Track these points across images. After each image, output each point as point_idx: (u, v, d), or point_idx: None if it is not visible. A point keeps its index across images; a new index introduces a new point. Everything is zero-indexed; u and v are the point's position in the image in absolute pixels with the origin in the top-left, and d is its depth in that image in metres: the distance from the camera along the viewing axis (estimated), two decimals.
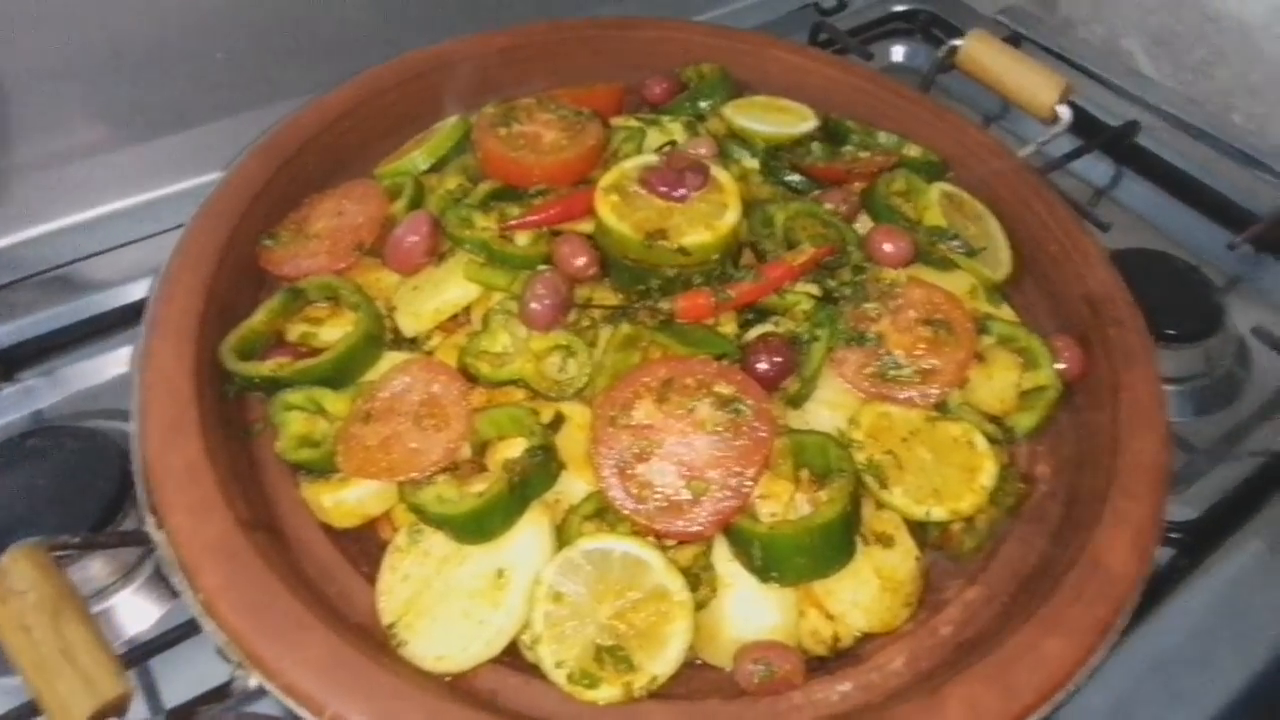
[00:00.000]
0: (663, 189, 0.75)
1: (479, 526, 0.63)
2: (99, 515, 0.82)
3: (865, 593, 0.65)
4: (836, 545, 0.63)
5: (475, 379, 0.71)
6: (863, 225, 0.85)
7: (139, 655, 0.72)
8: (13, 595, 0.57)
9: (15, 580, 0.58)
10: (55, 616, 0.57)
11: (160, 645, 0.72)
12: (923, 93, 1.05)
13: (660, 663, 0.60)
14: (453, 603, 0.62)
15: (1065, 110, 0.96)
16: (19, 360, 0.97)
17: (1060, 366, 0.76)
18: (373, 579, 0.65)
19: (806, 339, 0.72)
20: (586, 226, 0.78)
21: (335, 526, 0.68)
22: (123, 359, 0.97)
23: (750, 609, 0.64)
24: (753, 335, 0.74)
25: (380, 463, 0.65)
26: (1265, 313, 1.06)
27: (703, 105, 0.95)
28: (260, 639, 0.58)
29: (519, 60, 1.01)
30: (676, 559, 0.64)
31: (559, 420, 0.69)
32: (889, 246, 0.79)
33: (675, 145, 0.87)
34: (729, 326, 0.74)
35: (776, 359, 0.70)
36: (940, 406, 0.72)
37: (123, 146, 1.03)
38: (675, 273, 0.74)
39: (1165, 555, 0.84)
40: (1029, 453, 0.75)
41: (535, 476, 0.65)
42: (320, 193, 0.86)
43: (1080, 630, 0.60)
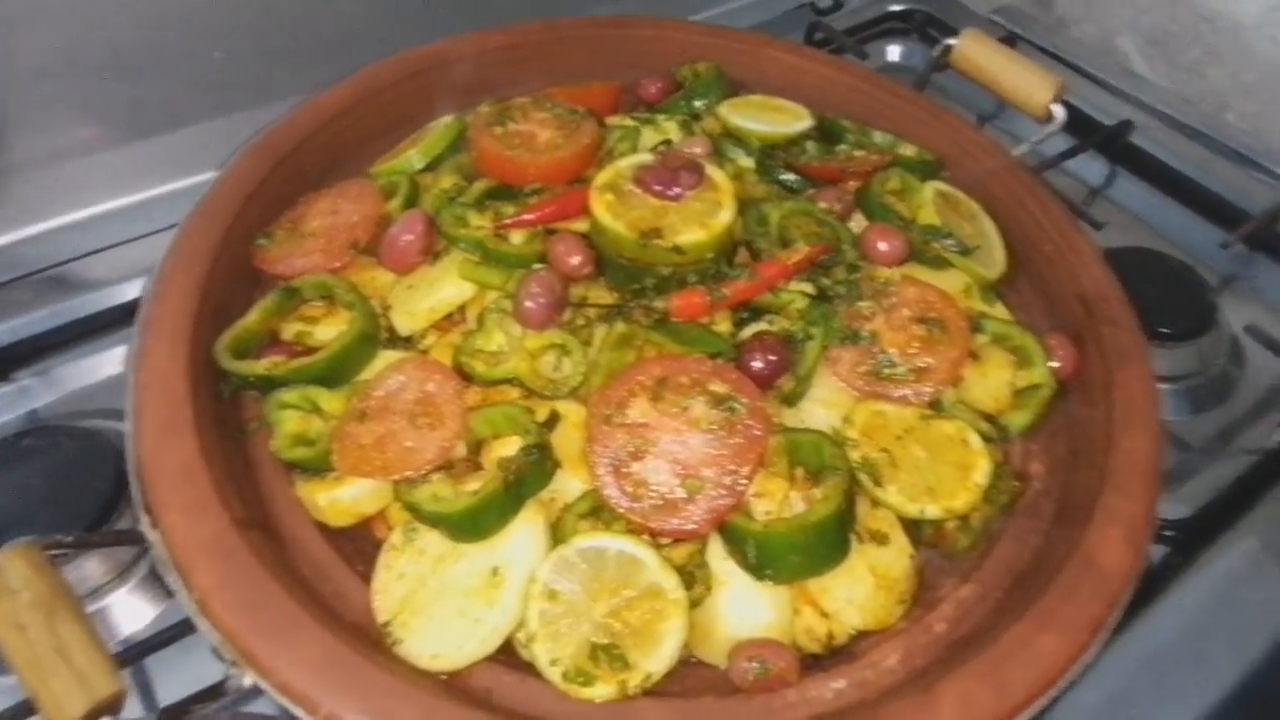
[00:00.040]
0: (657, 188, 0.75)
1: (474, 525, 0.63)
2: (94, 515, 0.82)
3: (860, 590, 0.65)
4: (831, 543, 0.64)
5: (470, 378, 0.71)
6: (857, 224, 0.85)
7: (134, 654, 0.72)
8: (7, 594, 0.57)
9: (10, 579, 0.58)
10: (49, 615, 0.57)
11: (155, 645, 0.72)
12: (917, 92, 1.05)
13: (655, 660, 0.60)
14: (448, 601, 0.62)
15: (1059, 109, 0.97)
16: (14, 359, 0.97)
17: (1054, 365, 0.76)
18: (368, 578, 0.65)
19: (801, 337, 0.73)
20: (582, 225, 0.78)
21: (330, 525, 0.68)
22: (118, 358, 0.97)
23: (745, 607, 0.64)
24: (747, 334, 0.74)
25: (375, 461, 0.65)
26: (1259, 311, 1.06)
27: (698, 104, 0.95)
28: (255, 638, 0.58)
29: (515, 59, 1.01)
30: (671, 557, 0.64)
31: (554, 419, 0.69)
32: (883, 245, 0.80)
33: (670, 144, 0.87)
34: (724, 325, 0.74)
35: (771, 357, 0.70)
36: (934, 405, 0.72)
37: (118, 146, 1.03)
38: (670, 271, 0.74)
39: (1159, 553, 0.85)
40: (1023, 451, 0.76)
41: (530, 475, 0.65)
42: (316, 192, 0.86)
43: (1073, 627, 0.61)
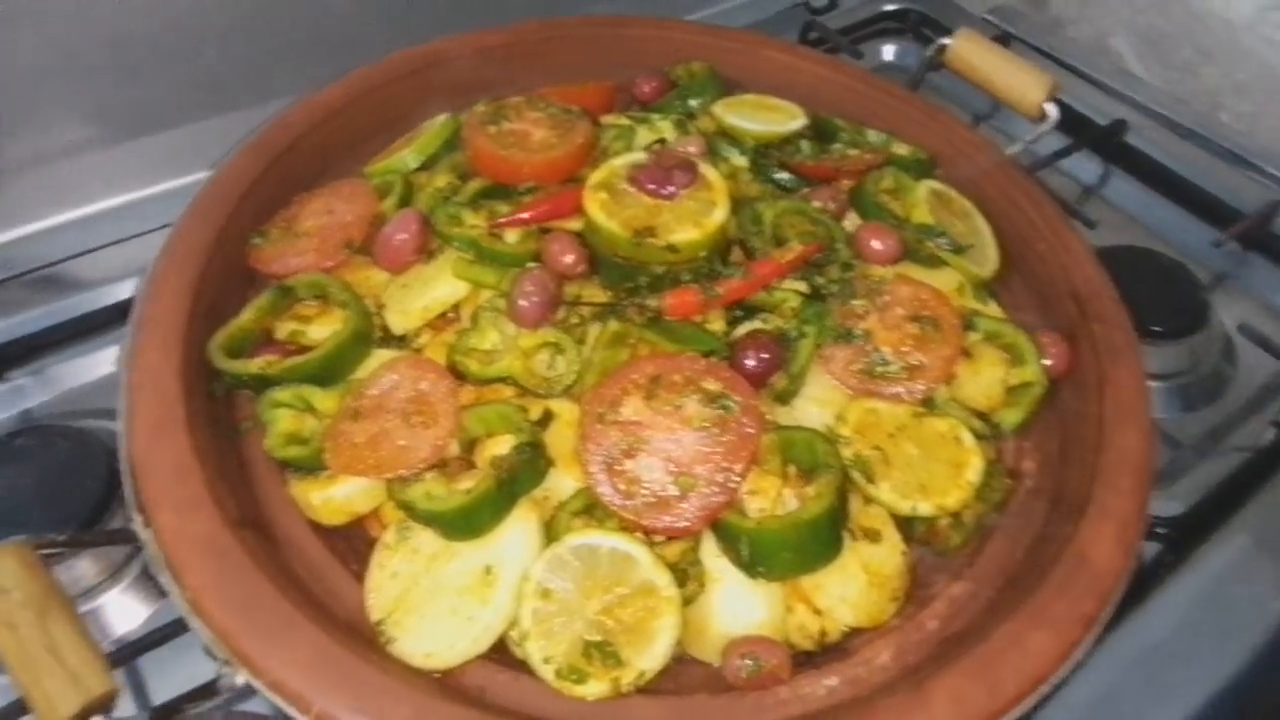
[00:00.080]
0: (651, 187, 0.75)
1: (467, 523, 0.63)
2: (87, 514, 0.82)
3: (852, 588, 0.65)
4: (823, 540, 0.64)
5: (464, 376, 0.71)
6: (851, 223, 0.85)
7: (126, 654, 0.72)
8: None
9: (2, 578, 0.58)
10: (41, 614, 0.57)
11: (148, 644, 0.72)
12: (911, 91, 1.05)
13: (648, 658, 0.60)
14: (441, 600, 0.62)
15: (1053, 108, 0.97)
16: (7, 359, 0.97)
17: (1046, 363, 0.76)
18: (361, 576, 0.65)
19: (794, 336, 0.73)
20: (576, 224, 0.78)
21: (324, 524, 0.68)
22: (112, 358, 0.97)
23: (738, 604, 0.64)
24: (741, 332, 0.74)
25: (368, 460, 0.65)
26: (1251, 309, 1.07)
27: (692, 103, 0.95)
28: (247, 637, 0.58)
29: (509, 59, 1.01)
30: (664, 555, 0.64)
31: (548, 417, 0.69)
32: (877, 244, 0.80)
33: (665, 143, 0.87)
34: (717, 324, 0.74)
35: (764, 355, 0.70)
36: (927, 402, 0.72)
37: (111, 145, 1.03)
38: (664, 270, 0.74)
39: (1151, 550, 0.85)
40: (1015, 448, 0.76)
41: (523, 473, 0.65)
42: (310, 191, 0.86)
43: (1065, 624, 0.61)
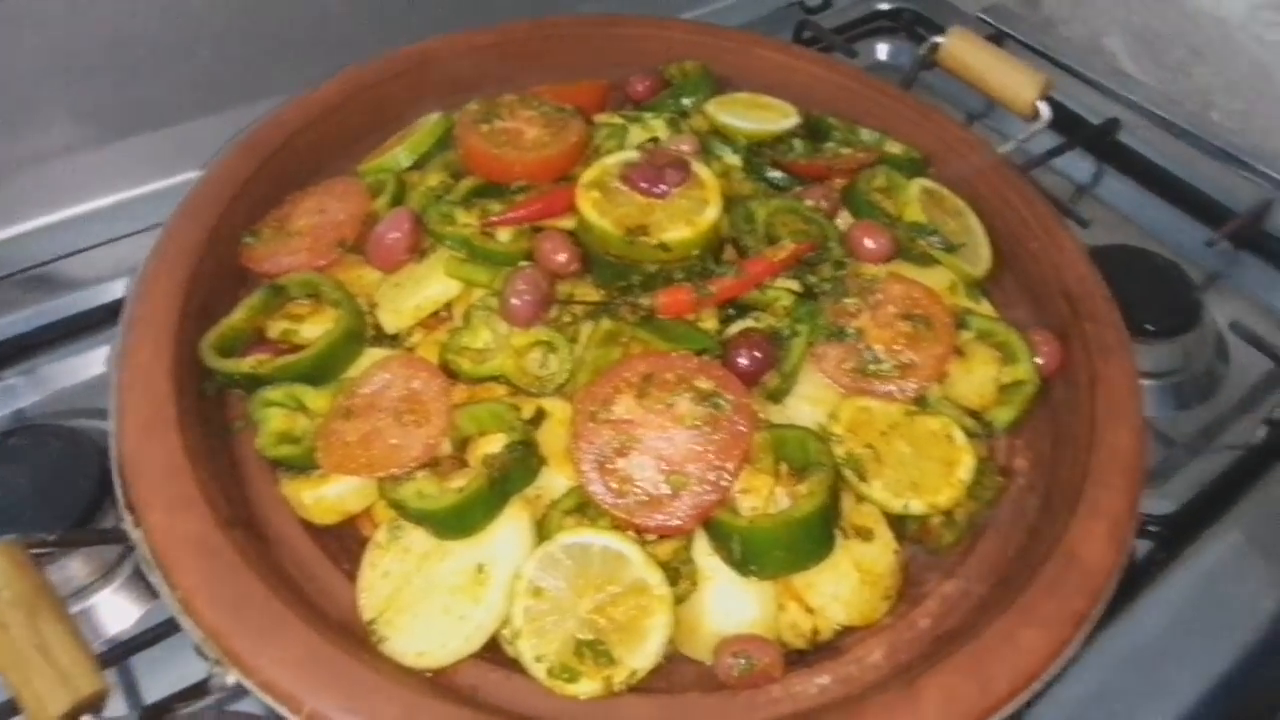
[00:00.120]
0: (644, 185, 0.75)
1: (459, 522, 0.63)
2: (79, 514, 0.81)
3: (845, 586, 0.65)
4: (815, 538, 0.64)
5: (456, 375, 0.71)
6: (844, 222, 0.85)
7: (118, 654, 0.71)
8: None
9: None
10: (32, 613, 0.56)
11: (139, 644, 0.72)
12: (904, 90, 1.05)
13: (640, 656, 0.60)
14: (433, 599, 0.62)
15: (1045, 107, 0.97)
16: None
17: (1039, 361, 0.76)
18: (353, 576, 0.65)
19: (787, 334, 0.73)
20: (568, 223, 0.78)
21: (315, 523, 0.68)
22: (104, 358, 0.96)
23: (730, 603, 0.64)
24: (734, 331, 0.74)
25: (360, 459, 0.65)
26: (1243, 308, 1.07)
27: (685, 102, 0.95)
28: (238, 636, 0.58)
29: (503, 58, 1.01)
30: (656, 553, 0.64)
31: (540, 416, 0.69)
32: (869, 242, 0.80)
33: (657, 142, 0.87)
34: (710, 322, 0.74)
35: (756, 354, 0.70)
36: (920, 401, 0.72)
37: (102, 145, 1.03)
38: (656, 269, 0.74)
39: (1143, 548, 0.85)
40: (1008, 446, 0.76)
41: (515, 471, 0.65)
42: (302, 190, 0.86)
43: (1056, 621, 0.61)
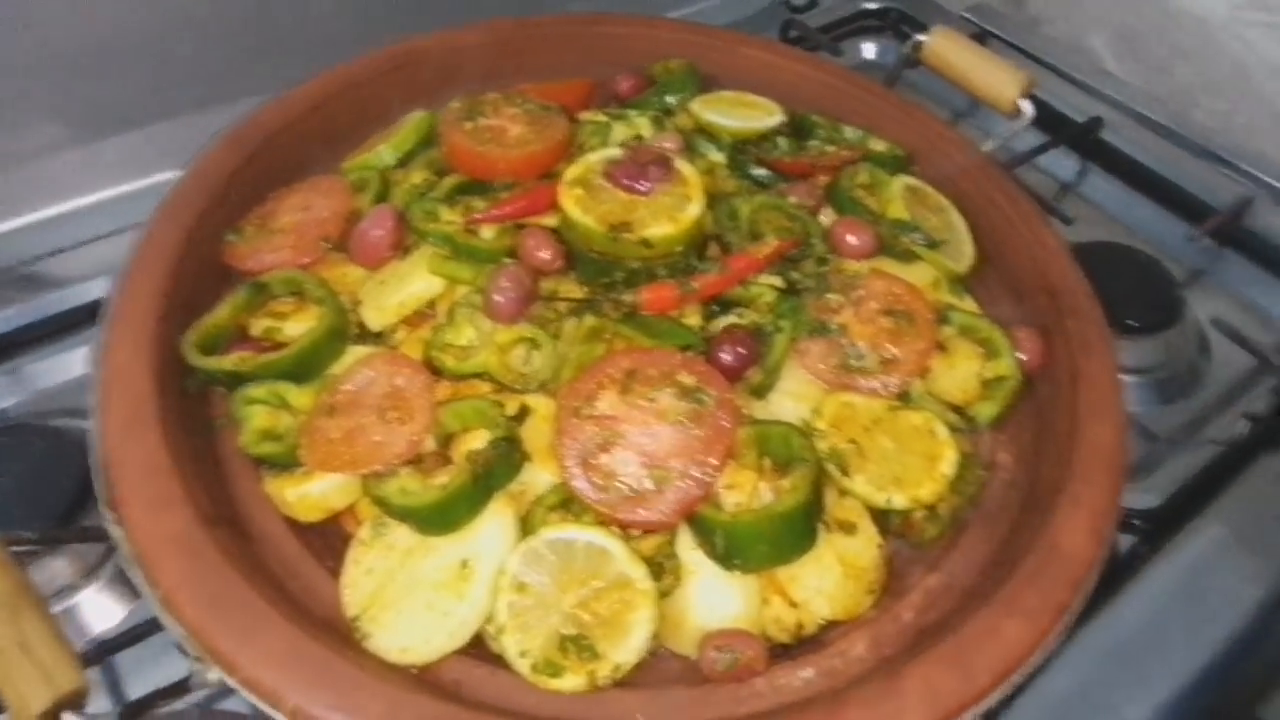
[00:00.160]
0: (626, 182, 0.75)
1: (442, 518, 0.63)
2: (61, 513, 0.81)
3: (829, 580, 0.65)
4: (798, 532, 0.64)
5: (440, 372, 0.71)
6: (828, 218, 0.86)
7: (101, 653, 0.71)
8: None
9: None
10: (13, 611, 0.56)
11: (122, 643, 0.72)
12: (888, 88, 1.06)
13: (624, 651, 0.60)
14: (417, 595, 0.62)
15: (1027, 104, 0.97)
16: None
17: (1021, 357, 0.77)
18: (337, 573, 0.65)
19: (770, 330, 0.73)
20: (552, 221, 0.78)
21: (299, 521, 0.68)
22: (86, 357, 0.96)
23: (714, 597, 0.64)
24: (717, 327, 0.74)
25: (343, 456, 0.65)
26: (1225, 304, 1.08)
27: (670, 100, 0.95)
28: (220, 633, 0.58)
29: (488, 56, 1.01)
30: (640, 548, 0.64)
31: (524, 412, 0.69)
32: (852, 239, 0.80)
33: (641, 139, 0.87)
34: (694, 318, 0.75)
35: (740, 350, 0.71)
36: (902, 396, 0.72)
37: (84, 144, 1.02)
38: (640, 265, 0.74)
39: (1126, 542, 0.86)
40: (991, 441, 0.76)
41: (498, 467, 0.65)
42: (286, 188, 0.85)
43: (1037, 612, 0.61)
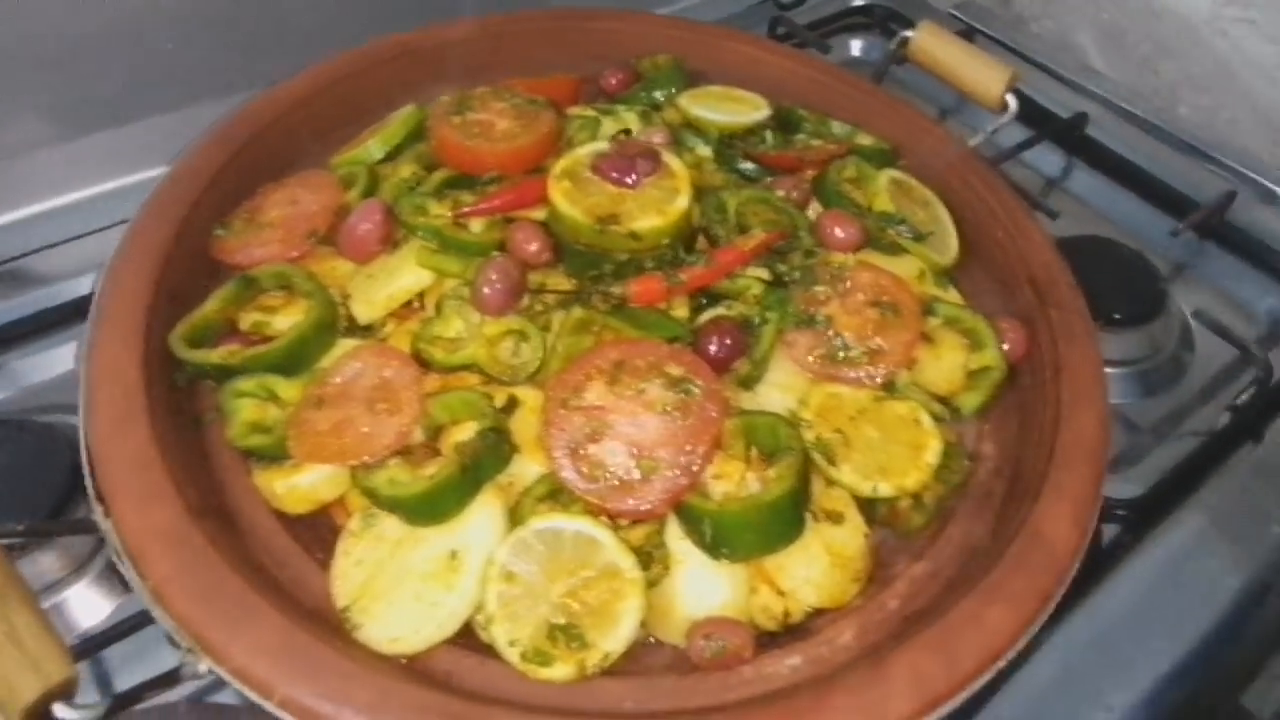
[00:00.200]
0: (614, 175, 0.76)
1: (431, 508, 0.63)
2: (50, 509, 0.81)
3: (815, 569, 0.66)
4: (785, 521, 0.65)
5: (429, 365, 0.72)
6: (815, 212, 0.86)
7: (90, 647, 0.71)
8: None
9: None
10: (1, 603, 0.56)
11: (112, 636, 0.71)
12: (875, 84, 1.07)
13: (613, 640, 0.61)
14: (406, 585, 0.62)
15: (1012, 100, 0.98)
16: None
17: (1005, 348, 0.78)
18: (326, 565, 0.65)
19: (757, 322, 0.74)
20: (540, 214, 0.78)
21: (288, 513, 0.68)
22: (73, 353, 0.96)
23: (702, 586, 0.65)
24: (705, 319, 0.75)
25: (332, 447, 0.65)
26: (1207, 298, 1.09)
27: (658, 95, 0.96)
28: (210, 624, 0.58)
29: (476, 51, 1.01)
30: (629, 538, 0.64)
31: (512, 404, 0.70)
32: (839, 231, 0.81)
33: (629, 133, 0.88)
34: (681, 311, 0.75)
35: (727, 341, 0.71)
36: (888, 386, 0.73)
37: (70, 140, 1.02)
38: (628, 258, 0.75)
39: (1110, 532, 0.87)
40: (976, 431, 0.77)
41: (487, 458, 0.65)
42: (274, 183, 0.85)
43: (1021, 599, 0.62)
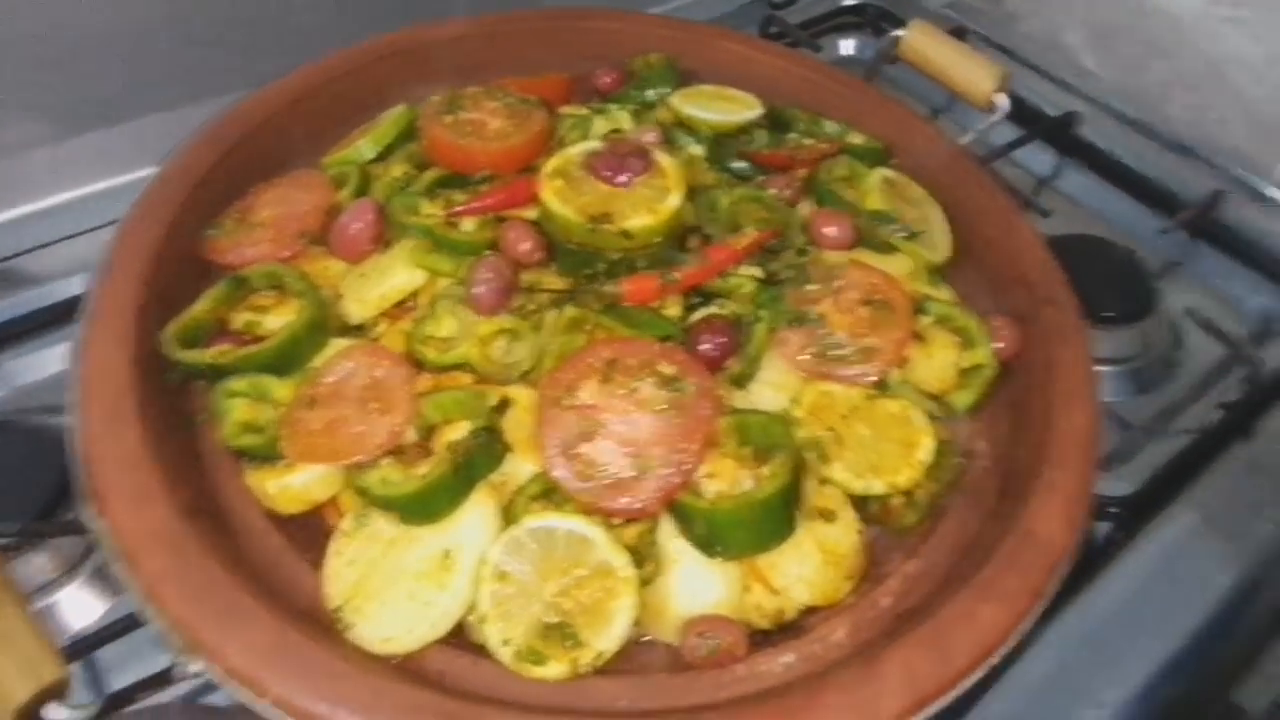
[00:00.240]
0: (606, 174, 0.76)
1: (424, 507, 0.63)
2: (41, 510, 0.81)
3: (809, 567, 0.66)
4: (777, 519, 0.65)
5: (422, 364, 0.71)
6: (808, 211, 0.86)
7: (83, 648, 0.71)
8: None
9: None
10: None
11: (105, 637, 0.71)
12: (867, 83, 1.07)
13: (606, 639, 0.61)
14: (399, 585, 0.62)
15: (1003, 98, 0.99)
16: None
17: (997, 346, 0.78)
18: (318, 564, 0.65)
19: (750, 320, 0.74)
20: (532, 213, 0.78)
21: (280, 513, 0.68)
22: (65, 354, 0.95)
23: (695, 584, 0.65)
24: (697, 318, 0.75)
25: (324, 447, 0.65)
26: (1198, 296, 1.10)
27: (650, 94, 0.96)
28: (202, 624, 0.57)
29: (468, 51, 1.01)
30: (622, 537, 0.64)
31: (505, 404, 0.70)
32: (831, 230, 0.81)
33: (621, 132, 0.88)
34: (674, 309, 0.75)
35: (720, 339, 0.71)
36: (880, 385, 0.73)
37: (61, 140, 1.02)
38: (620, 256, 0.74)
39: (1102, 529, 0.87)
40: (968, 429, 0.77)
41: (480, 457, 0.65)
42: (266, 183, 0.85)
43: (1013, 596, 0.62)
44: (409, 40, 0.99)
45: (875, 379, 0.73)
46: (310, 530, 0.68)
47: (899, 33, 1.05)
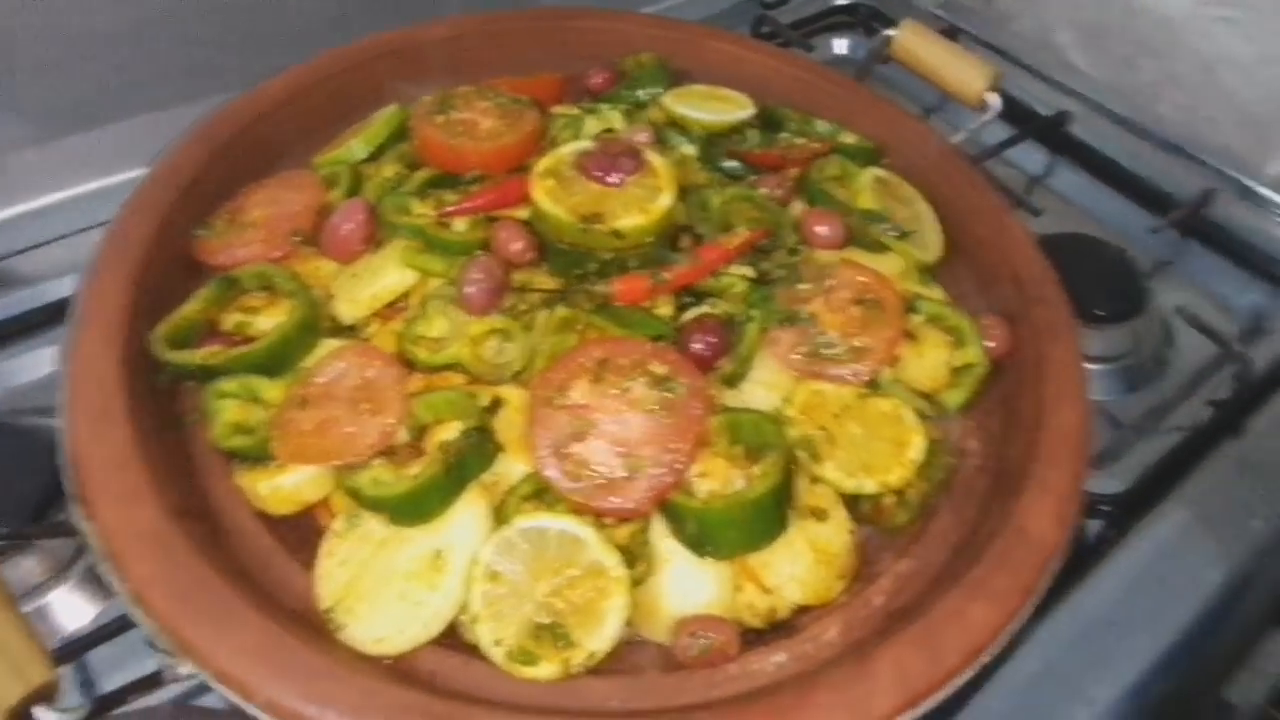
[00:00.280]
0: (597, 173, 0.76)
1: (415, 508, 0.63)
2: (31, 512, 0.81)
3: (800, 566, 0.66)
4: (769, 518, 0.65)
5: (413, 364, 0.71)
6: (799, 210, 0.86)
7: (73, 651, 0.71)
8: None
9: None
10: None
11: (95, 640, 0.71)
12: (859, 82, 1.07)
13: (598, 639, 0.61)
14: (391, 585, 0.62)
15: (994, 98, 0.99)
16: None
17: (988, 344, 0.78)
18: (310, 566, 0.64)
19: (741, 320, 0.74)
20: (524, 213, 0.78)
21: (271, 514, 0.68)
22: (54, 356, 0.95)
23: (687, 584, 0.65)
24: (689, 317, 0.75)
25: (315, 447, 0.65)
26: (1188, 294, 1.10)
27: (641, 94, 0.96)
28: (191, 626, 0.57)
29: (460, 51, 1.01)
30: (614, 536, 0.64)
31: (497, 404, 0.70)
32: (822, 229, 0.81)
33: (613, 132, 0.88)
34: (666, 309, 0.75)
35: (711, 339, 0.71)
36: (872, 384, 0.73)
37: (51, 141, 1.02)
38: (611, 256, 0.74)
39: (1094, 527, 0.87)
40: (959, 428, 0.77)
41: (471, 457, 0.65)
42: (256, 183, 0.85)
43: (1004, 594, 0.62)
44: (400, 40, 0.99)
45: (867, 378, 0.73)
46: (301, 531, 0.68)
47: (891, 32, 1.06)
